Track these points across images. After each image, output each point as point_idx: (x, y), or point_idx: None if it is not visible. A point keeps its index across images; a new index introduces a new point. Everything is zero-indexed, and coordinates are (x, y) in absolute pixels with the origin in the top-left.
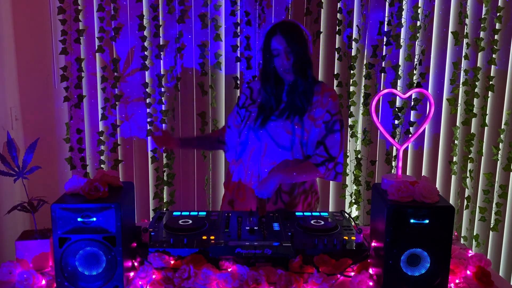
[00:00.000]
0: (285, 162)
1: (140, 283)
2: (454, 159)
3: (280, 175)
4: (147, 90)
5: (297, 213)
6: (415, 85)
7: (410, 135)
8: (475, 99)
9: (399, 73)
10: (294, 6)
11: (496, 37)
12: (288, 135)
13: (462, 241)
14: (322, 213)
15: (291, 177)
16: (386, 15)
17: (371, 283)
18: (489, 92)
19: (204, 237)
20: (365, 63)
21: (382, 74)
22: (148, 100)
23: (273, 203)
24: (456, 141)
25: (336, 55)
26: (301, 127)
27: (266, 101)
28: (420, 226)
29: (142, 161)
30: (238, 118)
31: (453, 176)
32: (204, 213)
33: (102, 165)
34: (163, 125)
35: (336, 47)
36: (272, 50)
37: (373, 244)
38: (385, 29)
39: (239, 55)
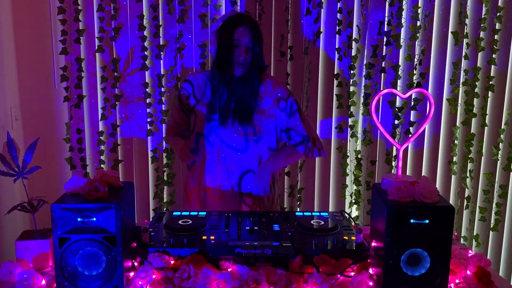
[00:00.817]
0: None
1: (140, 283)
2: (454, 159)
3: (268, 164)
4: (147, 90)
5: (297, 213)
6: (415, 85)
7: (410, 135)
8: (475, 99)
9: (399, 73)
10: (294, 6)
11: (496, 37)
12: (240, 136)
13: (462, 241)
14: (322, 213)
15: (279, 163)
16: (386, 15)
17: (371, 283)
18: (489, 92)
19: (204, 237)
20: (365, 63)
21: (382, 74)
22: (148, 100)
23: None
24: (456, 141)
25: (336, 55)
26: (252, 125)
27: (213, 102)
28: (420, 226)
29: (142, 161)
30: (183, 115)
31: (453, 176)
32: (204, 213)
33: (102, 165)
34: (163, 125)
35: (336, 47)
36: (233, 40)
37: (373, 244)
38: (385, 29)
39: None
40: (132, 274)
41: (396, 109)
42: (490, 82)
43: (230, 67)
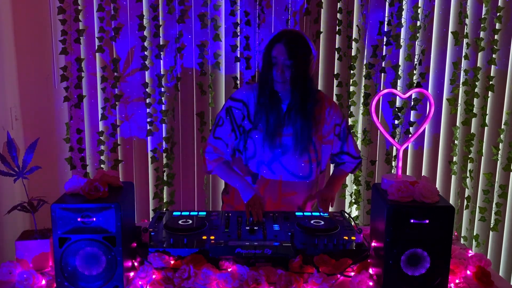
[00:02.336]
0: (328, 182)
1: (140, 283)
2: (454, 159)
3: (334, 193)
4: (147, 90)
5: (297, 213)
6: (415, 85)
7: (410, 135)
8: (475, 99)
9: (399, 73)
10: (294, 6)
11: (496, 37)
12: (306, 164)
13: (462, 241)
14: (322, 213)
15: (338, 188)
16: (386, 15)
17: (371, 283)
18: (489, 92)
19: (204, 237)
20: (365, 63)
21: (382, 74)
22: (148, 100)
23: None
24: (456, 141)
25: (336, 55)
26: (315, 152)
27: (272, 127)
28: (420, 226)
29: (142, 161)
30: (233, 136)
31: (453, 176)
32: (204, 213)
33: (102, 165)
34: (163, 125)
35: (336, 47)
36: (271, 57)
37: (373, 244)
38: (385, 29)
39: (238, 55)
40: (132, 274)
41: (396, 109)
42: (490, 82)
43: (270, 85)
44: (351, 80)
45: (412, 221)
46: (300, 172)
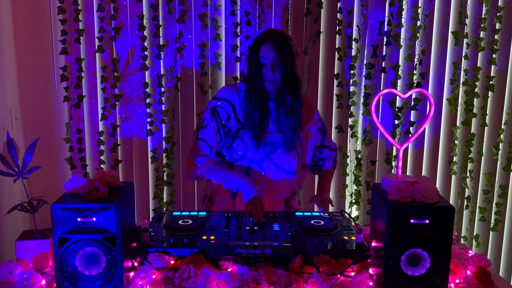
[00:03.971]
0: (319, 185)
1: (140, 283)
2: (454, 159)
3: (328, 194)
4: (147, 90)
5: (297, 213)
6: (415, 85)
7: (410, 135)
8: (475, 99)
9: (399, 73)
10: (294, 6)
11: (496, 37)
12: (294, 160)
13: (462, 241)
14: (322, 213)
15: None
16: (386, 15)
17: (371, 283)
18: (489, 92)
19: (204, 237)
20: (365, 63)
21: (382, 74)
22: (148, 100)
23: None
24: (456, 141)
25: (336, 55)
26: (301, 146)
27: (259, 126)
28: (420, 226)
29: (142, 161)
30: (218, 137)
31: (453, 176)
32: (204, 213)
33: (102, 165)
34: (163, 125)
35: (336, 47)
36: (260, 58)
37: (373, 244)
38: (385, 29)
39: (239, 55)
40: (132, 274)
41: (396, 109)
42: (490, 82)
43: (261, 85)
44: (351, 80)
45: (412, 221)
46: (290, 167)
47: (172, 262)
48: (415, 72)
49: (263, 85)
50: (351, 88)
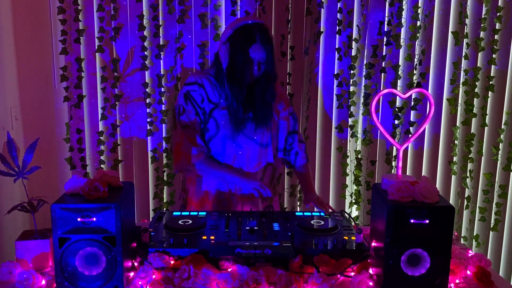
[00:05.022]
0: (304, 186)
1: (140, 283)
2: (454, 159)
3: (316, 194)
4: (147, 90)
5: (297, 213)
6: (415, 85)
7: (410, 135)
8: (475, 99)
9: (399, 73)
10: (294, 6)
11: (496, 37)
12: (267, 132)
13: (462, 241)
14: (322, 213)
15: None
16: (386, 15)
17: (371, 283)
18: (489, 92)
19: (204, 237)
20: (365, 63)
21: (382, 74)
22: (148, 100)
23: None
24: (456, 141)
25: (336, 55)
26: (273, 121)
27: (236, 106)
28: (420, 226)
29: (142, 161)
30: (198, 119)
31: (453, 176)
32: (204, 213)
33: (102, 165)
34: (163, 125)
35: (336, 47)
36: (249, 57)
37: (373, 244)
38: (385, 29)
39: None
40: (132, 274)
41: (396, 109)
42: (490, 82)
43: (246, 78)
44: (351, 80)
45: (412, 221)
46: (262, 139)
47: (172, 262)
48: (415, 72)
49: (248, 80)
50: (351, 88)
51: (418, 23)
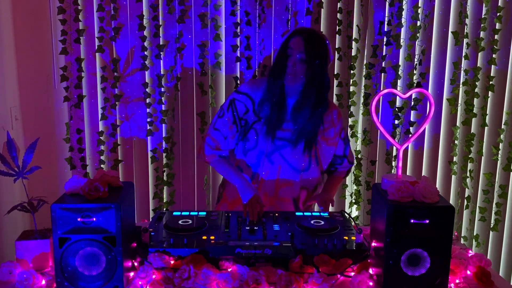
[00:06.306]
0: (325, 185)
1: (140, 283)
2: (454, 159)
3: (330, 195)
4: (147, 90)
5: (297, 213)
6: (415, 85)
7: (410, 135)
8: (475, 99)
9: (399, 73)
10: (294, 6)
11: (496, 37)
12: (303, 157)
13: (462, 241)
14: (322, 213)
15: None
16: (386, 15)
17: (371, 283)
18: (489, 92)
19: (204, 237)
20: (365, 63)
21: (382, 74)
22: (148, 100)
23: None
24: (456, 141)
25: (336, 55)
26: (315, 150)
27: (274, 120)
28: (420, 226)
29: (142, 161)
30: (234, 128)
31: (453, 176)
32: (204, 213)
33: (102, 165)
34: (163, 125)
35: (336, 47)
36: (287, 47)
37: (373, 244)
38: (385, 29)
39: (239, 55)
40: (132, 274)
41: (396, 109)
42: (490, 82)
43: (282, 75)
44: (351, 80)
45: (412, 221)
46: (298, 165)
47: (172, 262)
48: (415, 72)
49: (283, 77)
50: (351, 88)
51: (418, 23)
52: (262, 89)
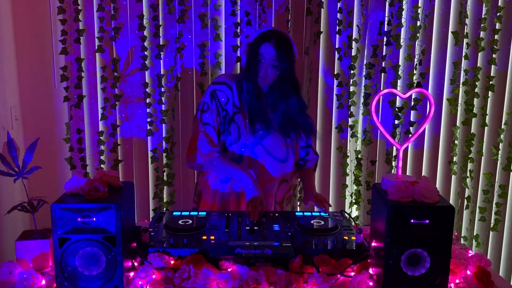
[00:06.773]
0: (306, 184)
1: (140, 283)
2: (454, 159)
3: (313, 193)
4: (147, 90)
5: (297, 213)
6: (415, 85)
7: (410, 135)
8: (475, 99)
9: (399, 73)
10: (294, 6)
11: (496, 37)
12: (283, 147)
13: (462, 241)
14: (322, 213)
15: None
16: (386, 15)
17: (371, 283)
18: (489, 92)
19: (204, 237)
20: (365, 63)
21: (382, 74)
22: (148, 100)
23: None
24: (456, 141)
25: (336, 55)
26: (290, 137)
27: (257, 113)
28: (420, 226)
29: (142, 161)
30: (219, 120)
31: (453, 176)
32: (204, 213)
33: (102, 165)
34: (163, 125)
35: (336, 47)
36: (258, 54)
37: (373, 244)
38: (385, 29)
39: (239, 55)
40: (132, 274)
41: (396, 109)
42: (490, 82)
43: (255, 79)
44: (351, 80)
45: (412, 221)
46: (280, 155)
47: (172, 262)
48: (415, 72)
49: (256, 80)
50: (351, 88)
51: (418, 23)
52: (238, 81)
